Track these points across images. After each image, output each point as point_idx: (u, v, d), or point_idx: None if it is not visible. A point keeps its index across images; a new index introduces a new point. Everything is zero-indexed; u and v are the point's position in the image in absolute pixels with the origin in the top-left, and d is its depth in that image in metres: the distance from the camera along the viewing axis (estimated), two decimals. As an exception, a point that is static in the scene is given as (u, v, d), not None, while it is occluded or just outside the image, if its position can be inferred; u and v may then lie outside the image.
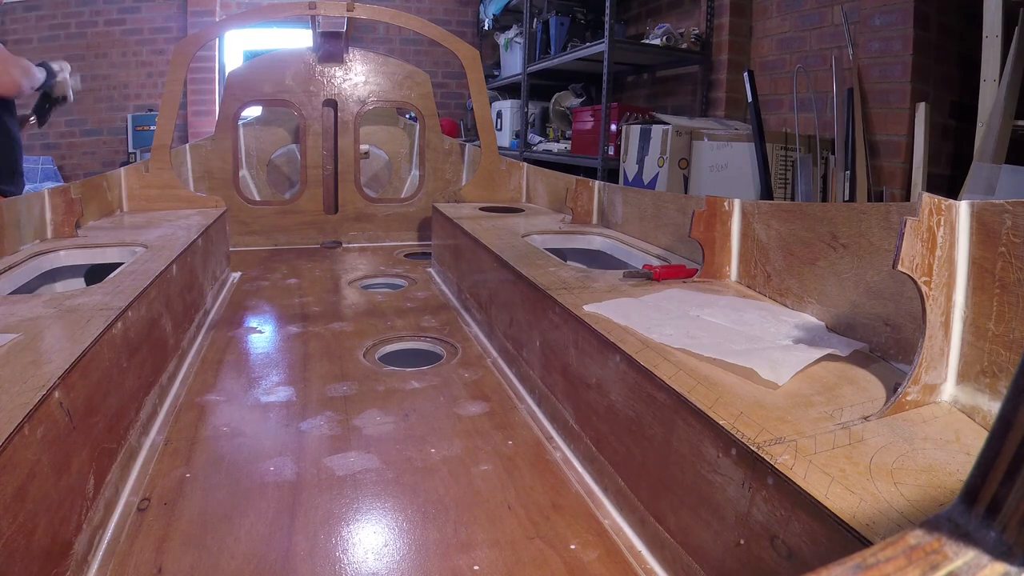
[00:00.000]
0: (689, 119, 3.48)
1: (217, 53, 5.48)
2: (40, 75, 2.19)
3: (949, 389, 0.78)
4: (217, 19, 5.13)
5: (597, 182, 2.08)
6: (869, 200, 2.80)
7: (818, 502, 0.57)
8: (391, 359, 1.58)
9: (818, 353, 0.87)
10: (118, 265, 1.44)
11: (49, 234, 1.68)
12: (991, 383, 0.74)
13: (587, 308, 1.11)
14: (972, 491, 0.24)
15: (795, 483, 0.60)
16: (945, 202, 0.75)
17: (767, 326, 1.00)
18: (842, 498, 0.57)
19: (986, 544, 0.23)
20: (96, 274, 1.56)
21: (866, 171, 2.86)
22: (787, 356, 0.86)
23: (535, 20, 4.86)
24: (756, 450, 0.66)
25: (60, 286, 1.65)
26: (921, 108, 2.67)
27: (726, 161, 3.21)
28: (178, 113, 2.50)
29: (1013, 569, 0.22)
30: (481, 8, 6.06)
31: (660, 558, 0.84)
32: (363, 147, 3.00)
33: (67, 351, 0.86)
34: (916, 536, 0.24)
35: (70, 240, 1.66)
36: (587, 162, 3.95)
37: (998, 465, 0.23)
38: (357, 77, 2.83)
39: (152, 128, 3.32)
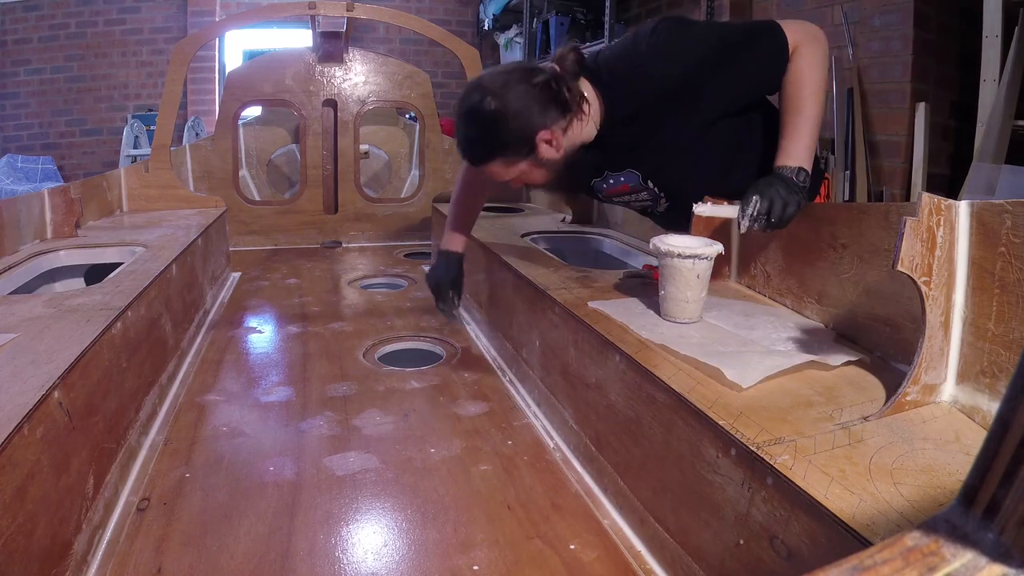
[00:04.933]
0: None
1: (217, 53, 5.48)
2: None
3: (949, 389, 0.78)
4: (217, 19, 5.13)
5: (597, 182, 2.08)
6: (869, 200, 2.80)
7: (817, 502, 0.57)
8: (391, 359, 1.58)
9: (798, 360, 0.85)
10: (118, 265, 1.44)
11: (49, 234, 1.68)
12: (991, 383, 0.74)
13: (592, 304, 1.11)
14: (970, 492, 0.24)
15: (794, 483, 0.60)
16: (945, 202, 0.75)
17: (768, 331, 0.99)
18: (841, 498, 0.57)
19: (984, 545, 0.23)
20: (96, 274, 1.56)
21: (866, 171, 2.86)
22: (764, 360, 0.85)
23: (535, 20, 4.86)
24: (756, 450, 0.66)
25: (60, 286, 1.65)
26: (921, 108, 2.67)
27: (726, 161, 3.20)
28: (178, 113, 2.49)
29: (1011, 571, 0.22)
30: (481, 8, 6.06)
31: (659, 558, 0.84)
32: (363, 147, 3.00)
33: (67, 351, 0.86)
34: (914, 537, 0.24)
35: (70, 240, 1.66)
36: (587, 162, 3.94)
37: (996, 466, 0.23)
38: (357, 77, 2.83)
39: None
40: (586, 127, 1.16)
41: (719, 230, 1.30)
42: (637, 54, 1.16)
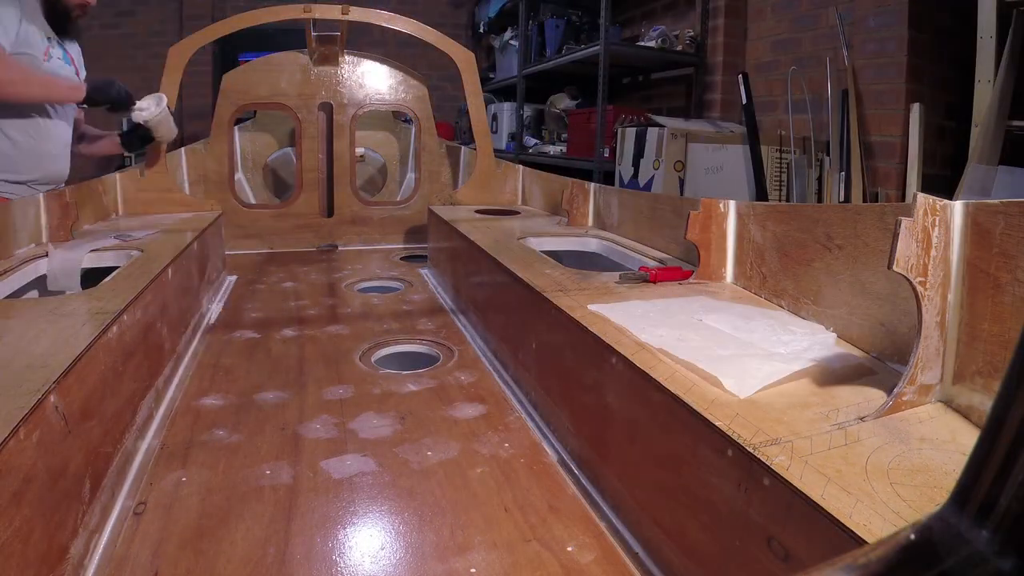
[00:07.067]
0: (684, 121, 3.49)
1: (212, 56, 5.47)
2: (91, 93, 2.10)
3: (945, 389, 0.78)
4: (212, 22, 5.12)
5: (593, 184, 2.08)
6: (864, 201, 2.81)
7: (814, 503, 0.58)
8: (387, 362, 1.58)
9: (796, 367, 0.85)
10: (113, 269, 1.44)
11: (44, 238, 1.68)
12: (987, 383, 0.74)
13: (591, 307, 1.11)
14: (964, 491, 0.24)
15: (791, 484, 0.60)
16: (940, 202, 0.75)
17: (767, 333, 0.99)
18: (838, 499, 0.58)
19: (979, 544, 0.23)
20: (91, 278, 1.56)
21: (861, 172, 2.87)
22: (763, 366, 0.84)
23: (530, 23, 4.87)
24: (752, 451, 0.66)
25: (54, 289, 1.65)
26: (916, 109, 2.68)
27: (721, 163, 3.22)
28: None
29: (1006, 569, 0.22)
30: (477, 11, 6.07)
31: (657, 559, 0.84)
32: (359, 150, 3.00)
33: (63, 355, 0.86)
34: (908, 536, 0.24)
35: (65, 244, 1.66)
36: (583, 164, 3.96)
37: (990, 464, 0.23)
38: (353, 80, 2.83)
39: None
40: None
41: (716, 229, 1.31)
42: None
